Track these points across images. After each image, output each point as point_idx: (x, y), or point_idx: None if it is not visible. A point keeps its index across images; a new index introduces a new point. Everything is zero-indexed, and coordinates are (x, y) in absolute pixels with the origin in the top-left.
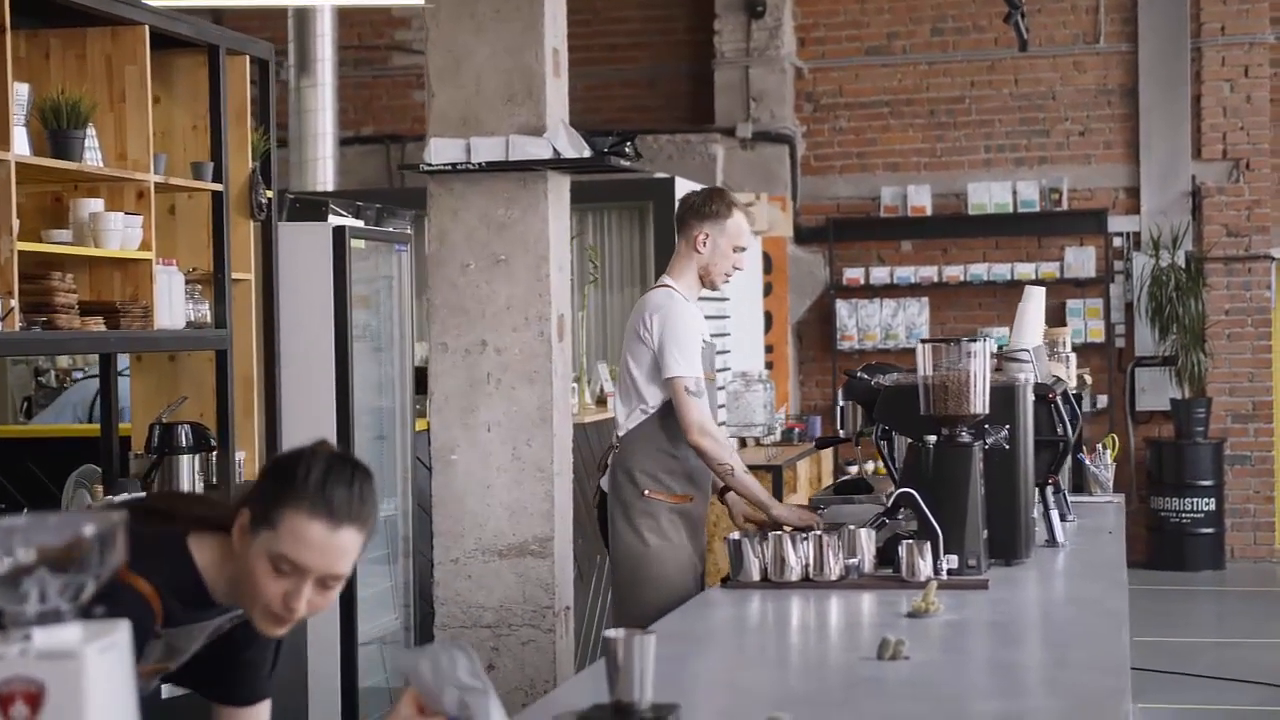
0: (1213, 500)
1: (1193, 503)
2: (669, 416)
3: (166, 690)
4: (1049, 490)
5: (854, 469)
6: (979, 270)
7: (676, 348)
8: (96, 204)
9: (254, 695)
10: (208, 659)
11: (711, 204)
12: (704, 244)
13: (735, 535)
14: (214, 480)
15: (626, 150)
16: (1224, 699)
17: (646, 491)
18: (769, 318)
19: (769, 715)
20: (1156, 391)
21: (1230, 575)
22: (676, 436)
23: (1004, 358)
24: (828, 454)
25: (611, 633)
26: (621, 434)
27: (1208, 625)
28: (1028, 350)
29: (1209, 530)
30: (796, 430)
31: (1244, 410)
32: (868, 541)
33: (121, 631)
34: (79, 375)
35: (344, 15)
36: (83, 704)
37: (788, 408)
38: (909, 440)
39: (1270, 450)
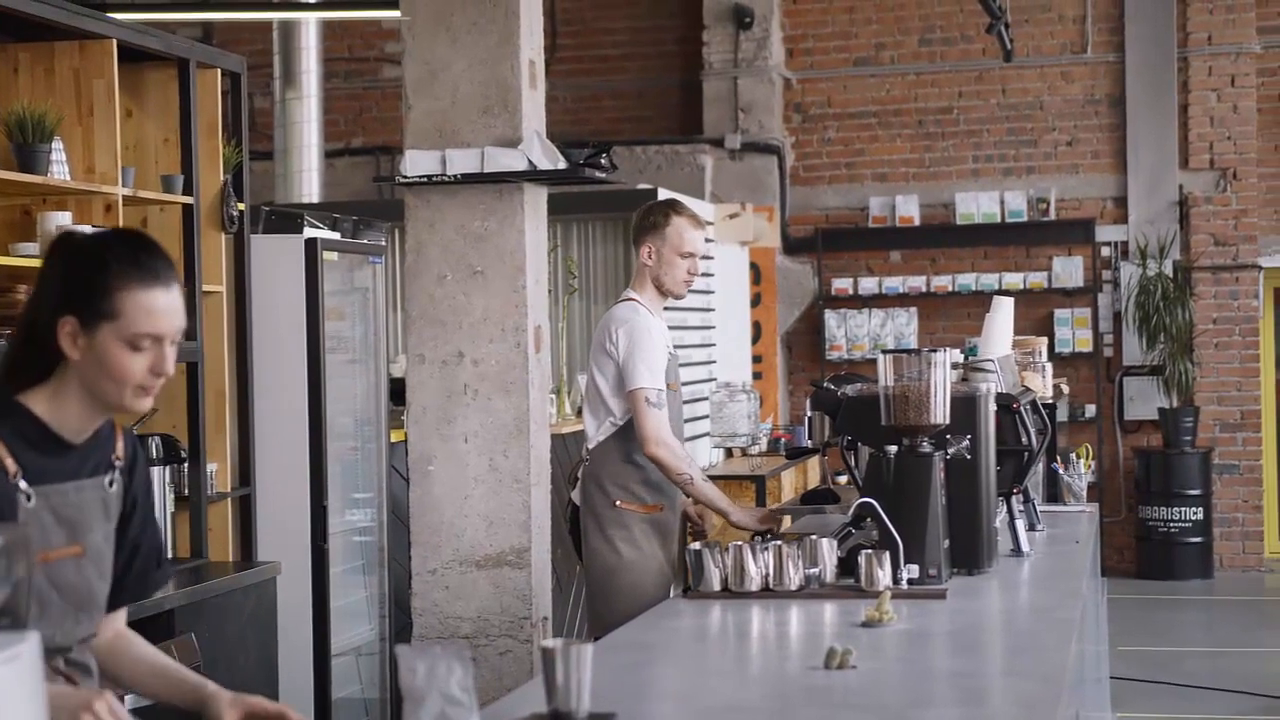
0: (1201, 509)
1: (1181, 512)
2: None
3: (130, 701)
4: (1014, 500)
5: (843, 479)
6: (967, 280)
7: (642, 361)
8: (64, 217)
9: (142, 593)
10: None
11: (650, 216)
12: (650, 256)
13: (696, 545)
14: (185, 492)
15: (602, 162)
16: (1211, 708)
17: (618, 502)
18: (758, 328)
19: None
20: (1144, 401)
21: (1218, 584)
22: None
23: (969, 368)
24: (814, 464)
25: (548, 643)
26: (591, 446)
27: (1195, 634)
28: (993, 360)
29: (1197, 539)
30: (783, 440)
31: (1232, 419)
32: (829, 551)
33: (29, 643)
34: None
35: (334, 28)
36: None
37: (775, 417)
38: (871, 450)
39: (1258, 459)
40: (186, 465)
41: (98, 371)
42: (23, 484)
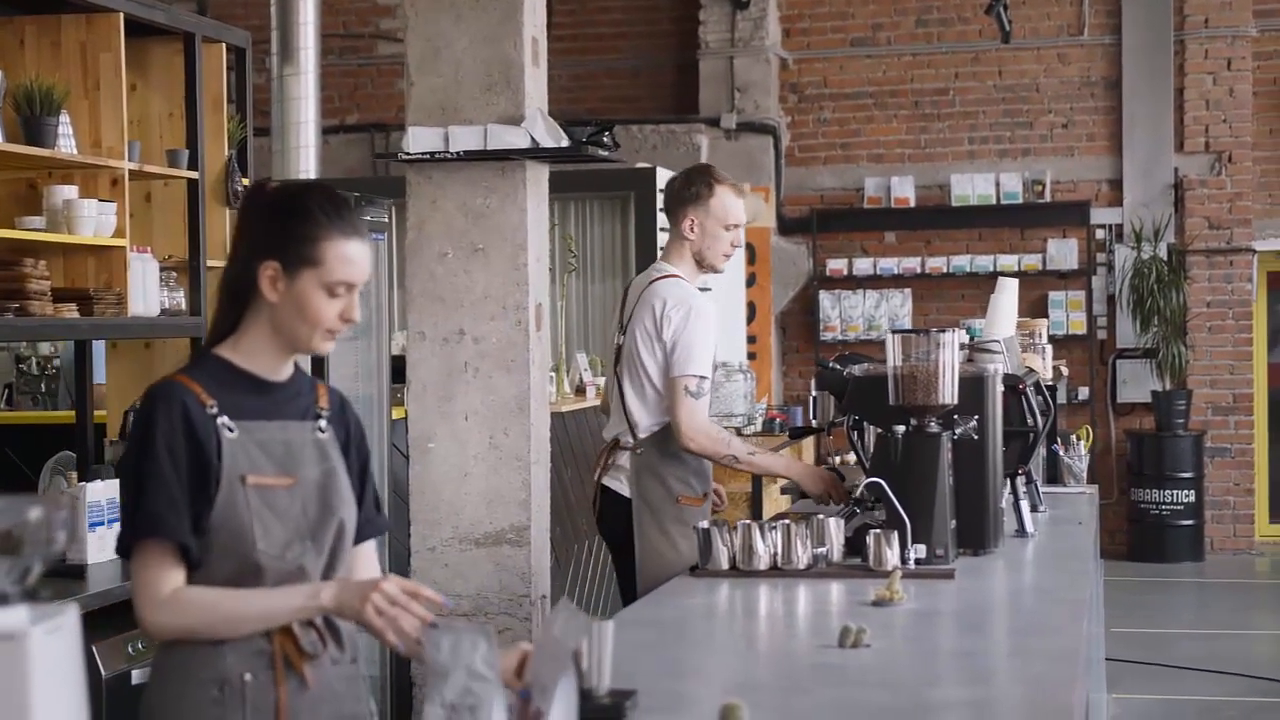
0: (1193, 492)
1: (1173, 494)
2: None
3: (139, 676)
4: (1019, 480)
5: (836, 459)
6: (962, 262)
7: (691, 347)
8: (70, 190)
9: (370, 529)
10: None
11: (691, 186)
12: (693, 229)
13: (704, 524)
14: None
15: (604, 140)
16: (1202, 690)
17: (680, 498)
18: (752, 308)
19: (724, 702)
20: (1137, 383)
21: (1209, 567)
22: None
23: (975, 348)
24: (809, 444)
25: None
26: (642, 436)
27: (1187, 616)
28: (999, 341)
29: (1189, 522)
30: (779, 421)
31: (1224, 402)
32: (836, 531)
33: (70, 615)
34: (58, 363)
35: (328, 4)
36: (28, 685)
37: (770, 398)
38: (878, 430)
39: (1250, 443)
40: None
41: (293, 314)
42: (223, 418)
